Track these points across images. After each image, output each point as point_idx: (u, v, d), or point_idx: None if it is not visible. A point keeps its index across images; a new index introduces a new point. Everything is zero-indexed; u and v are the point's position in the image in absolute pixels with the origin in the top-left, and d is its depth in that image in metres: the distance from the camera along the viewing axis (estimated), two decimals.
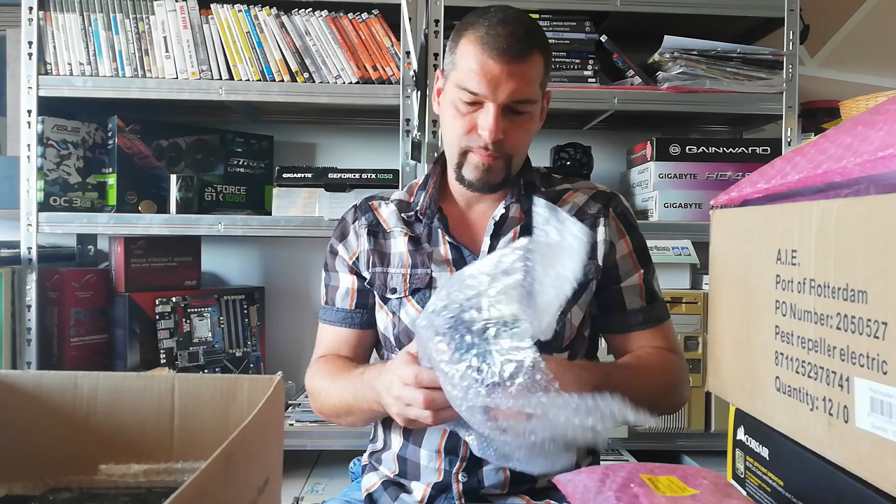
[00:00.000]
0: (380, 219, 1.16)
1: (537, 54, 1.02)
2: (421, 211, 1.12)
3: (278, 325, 2.08)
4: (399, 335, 1.09)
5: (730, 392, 0.67)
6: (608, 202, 1.13)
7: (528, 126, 1.07)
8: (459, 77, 1.03)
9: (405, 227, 1.13)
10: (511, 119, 1.03)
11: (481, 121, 1.02)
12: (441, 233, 1.10)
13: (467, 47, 1.03)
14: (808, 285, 0.52)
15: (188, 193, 1.78)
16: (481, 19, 1.03)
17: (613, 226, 1.11)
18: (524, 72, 1.01)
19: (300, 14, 1.75)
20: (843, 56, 2.16)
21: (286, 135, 2.09)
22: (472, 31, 1.03)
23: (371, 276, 1.13)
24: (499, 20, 1.02)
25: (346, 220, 1.19)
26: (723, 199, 0.70)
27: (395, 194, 1.19)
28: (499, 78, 1.00)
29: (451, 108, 1.06)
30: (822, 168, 0.52)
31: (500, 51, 0.99)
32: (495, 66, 1.00)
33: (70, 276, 1.75)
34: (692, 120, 2.10)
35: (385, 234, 1.14)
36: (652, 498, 0.53)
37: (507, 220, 1.10)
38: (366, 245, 1.14)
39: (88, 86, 1.71)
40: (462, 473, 1.02)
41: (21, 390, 0.65)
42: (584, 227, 0.79)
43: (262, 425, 0.52)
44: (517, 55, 1.00)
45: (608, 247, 1.09)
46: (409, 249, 1.11)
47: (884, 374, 0.44)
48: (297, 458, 1.85)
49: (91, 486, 0.64)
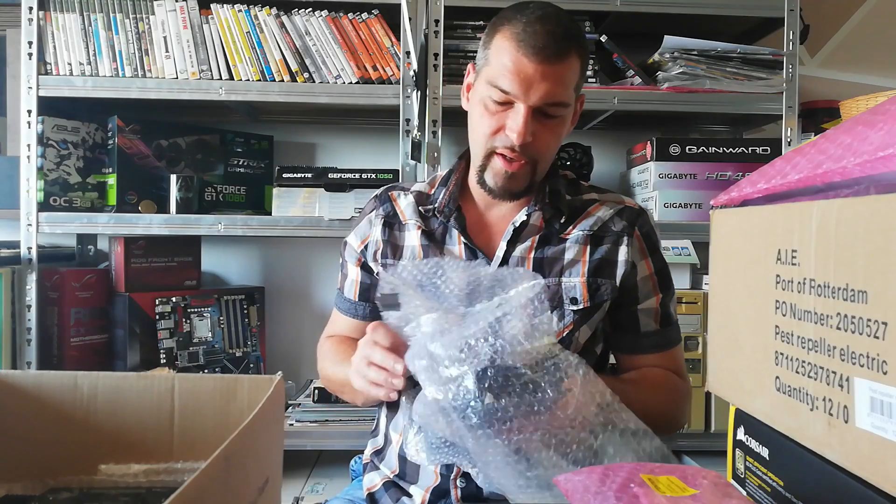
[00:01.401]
0: (397, 209, 1.13)
1: (574, 56, 0.98)
2: (439, 208, 1.09)
3: (278, 325, 2.08)
4: None
5: (730, 392, 0.67)
6: (634, 220, 1.09)
7: (559, 130, 1.02)
8: (491, 74, 0.99)
9: (420, 220, 1.10)
10: (541, 122, 0.99)
11: (510, 121, 0.98)
12: (457, 233, 1.08)
13: (502, 43, 0.98)
14: (808, 285, 0.52)
15: (188, 193, 1.78)
16: (519, 15, 0.98)
17: (637, 246, 1.08)
18: (560, 73, 0.97)
19: (300, 14, 1.75)
20: (843, 56, 2.16)
21: (286, 135, 2.09)
22: (508, 27, 0.98)
23: (382, 267, 1.11)
24: (537, 17, 0.97)
25: (365, 210, 1.18)
26: (723, 199, 0.70)
27: (416, 185, 1.17)
28: (532, 78, 0.96)
29: (479, 106, 1.02)
30: (822, 168, 0.52)
31: (535, 49, 0.95)
32: (529, 66, 0.95)
33: (70, 276, 1.75)
34: (692, 120, 2.10)
35: (400, 225, 1.12)
36: (652, 498, 0.53)
37: (528, 227, 1.07)
38: (379, 236, 1.12)
39: (88, 86, 1.71)
40: (460, 479, 1.01)
41: (21, 390, 0.65)
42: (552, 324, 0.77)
43: (262, 425, 0.52)
44: (553, 55, 0.95)
45: (629, 267, 1.06)
46: (422, 244, 1.09)
47: (884, 374, 0.44)
48: (297, 458, 1.85)
49: (91, 486, 0.64)
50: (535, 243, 1.06)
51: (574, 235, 1.07)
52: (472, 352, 0.73)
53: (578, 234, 1.07)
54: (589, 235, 1.07)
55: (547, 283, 1.04)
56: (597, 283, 1.05)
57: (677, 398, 1.08)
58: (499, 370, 0.73)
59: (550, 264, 1.05)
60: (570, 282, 1.04)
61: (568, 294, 1.04)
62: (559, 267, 1.05)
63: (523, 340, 0.74)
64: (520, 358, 0.74)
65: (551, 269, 1.05)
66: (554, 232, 1.07)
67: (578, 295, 1.04)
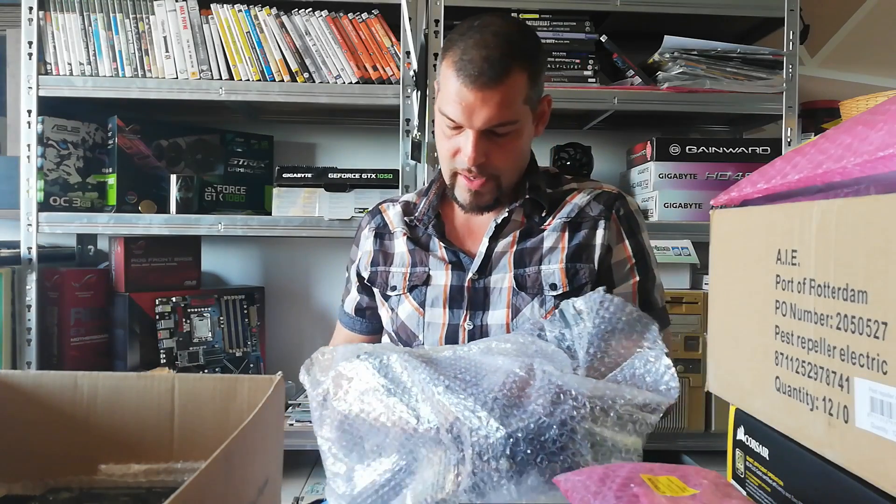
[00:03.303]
0: (387, 220, 1.20)
1: (516, 73, 0.99)
2: (419, 218, 1.15)
3: (278, 325, 2.08)
4: (397, 330, 1.13)
5: (730, 392, 0.67)
6: (612, 204, 1.12)
7: (513, 144, 1.05)
8: (441, 100, 1.03)
9: (406, 228, 1.17)
10: (494, 140, 1.02)
11: (462, 145, 1.02)
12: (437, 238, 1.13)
13: (446, 71, 1.01)
14: (808, 285, 0.52)
15: (188, 193, 1.78)
16: (459, 40, 1.01)
17: (614, 229, 1.10)
18: (501, 95, 0.98)
19: (300, 14, 1.75)
20: (843, 56, 2.16)
21: (286, 135, 2.09)
22: (451, 54, 1.01)
23: (372, 274, 1.17)
24: (474, 42, 0.98)
25: (360, 226, 1.25)
26: (723, 199, 0.70)
27: (405, 196, 1.24)
28: (473, 105, 0.98)
29: (439, 129, 1.07)
30: (822, 168, 0.52)
31: (472, 78, 0.97)
32: (469, 94, 0.98)
33: (70, 276, 1.75)
34: (692, 120, 2.10)
35: (390, 234, 1.19)
36: (652, 498, 0.53)
37: (509, 223, 1.11)
38: (370, 247, 1.19)
39: (88, 86, 1.71)
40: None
41: (21, 390, 0.65)
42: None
43: (262, 425, 0.52)
44: (491, 80, 0.97)
45: (604, 251, 1.08)
46: (409, 249, 1.15)
47: (884, 374, 0.44)
48: (297, 458, 1.85)
49: (91, 486, 0.64)
50: (517, 238, 1.10)
51: (553, 224, 1.10)
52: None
53: (557, 223, 1.10)
54: (567, 222, 1.10)
55: (526, 272, 1.07)
56: (575, 267, 1.07)
57: None
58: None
59: (530, 254, 1.09)
60: (548, 269, 1.07)
61: (547, 280, 1.07)
62: (538, 256, 1.09)
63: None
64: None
65: (531, 259, 1.09)
66: (534, 225, 1.11)
67: (557, 280, 1.07)
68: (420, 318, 1.11)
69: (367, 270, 1.18)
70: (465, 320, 1.09)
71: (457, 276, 1.10)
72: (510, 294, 1.08)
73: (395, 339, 1.15)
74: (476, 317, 1.08)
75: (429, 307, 1.11)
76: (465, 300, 1.09)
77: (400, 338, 1.14)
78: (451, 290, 1.10)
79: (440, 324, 1.10)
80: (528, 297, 1.07)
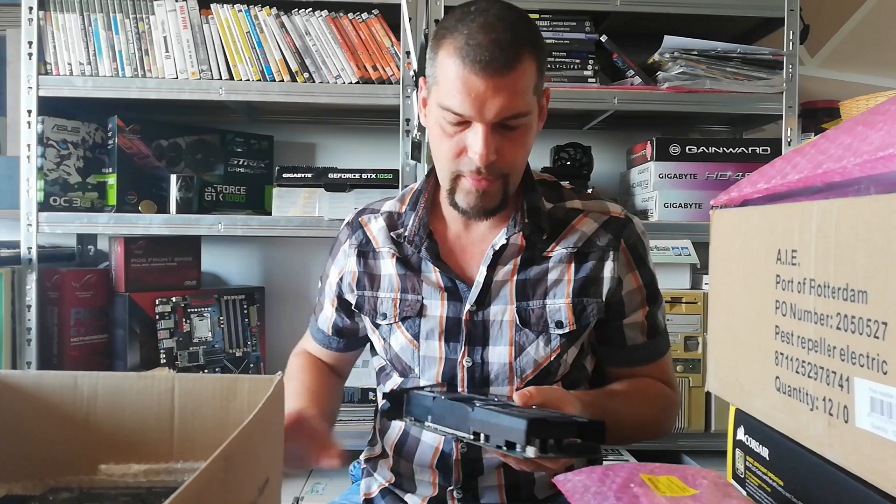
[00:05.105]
0: (369, 236, 1.08)
1: (527, 59, 0.89)
2: (409, 237, 1.02)
3: (278, 325, 2.08)
4: (392, 360, 1.06)
5: (730, 392, 0.67)
6: (620, 232, 1.02)
7: (525, 139, 0.94)
8: (441, 95, 0.91)
9: (393, 246, 1.05)
10: (504, 135, 0.91)
11: (470, 143, 0.90)
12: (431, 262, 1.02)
13: (447, 60, 0.89)
14: (808, 285, 0.52)
15: (188, 193, 1.78)
16: (460, 25, 0.89)
17: (623, 259, 1.02)
18: (514, 83, 0.88)
19: (300, 14, 1.75)
20: (843, 56, 2.16)
21: (286, 135, 2.09)
22: (450, 41, 0.89)
23: (359, 298, 1.07)
24: (479, 26, 0.87)
25: (339, 240, 1.13)
26: (723, 199, 0.70)
27: (386, 205, 1.10)
28: (485, 95, 0.87)
29: (436, 128, 0.94)
30: (822, 168, 0.52)
31: (482, 64, 0.86)
32: (480, 83, 0.87)
33: (70, 276, 1.75)
34: (692, 120, 2.10)
35: (374, 253, 1.07)
36: (652, 498, 0.53)
37: (508, 247, 1.01)
38: (354, 267, 1.07)
39: (88, 86, 1.71)
40: (457, 491, 1.01)
41: (21, 390, 0.65)
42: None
43: (262, 425, 0.51)
44: (503, 66, 0.86)
45: (615, 284, 1.01)
46: (398, 273, 1.03)
47: (884, 374, 0.44)
48: None
49: (91, 486, 0.64)
50: (518, 265, 1.00)
51: (557, 253, 1.01)
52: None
53: (562, 253, 1.01)
54: (573, 253, 1.01)
55: (530, 306, 1.00)
56: (582, 303, 1.00)
57: (666, 408, 1.06)
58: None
59: (534, 286, 1.00)
60: (554, 304, 0.99)
61: (553, 318, 0.99)
62: (543, 289, 1.00)
63: None
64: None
65: (535, 292, 1.00)
66: (536, 251, 1.01)
67: (564, 318, 0.99)
68: (415, 350, 1.02)
69: (354, 294, 1.07)
70: (463, 356, 1.00)
71: (453, 306, 1.00)
72: (512, 329, 0.99)
73: (391, 369, 1.07)
74: (475, 352, 1.00)
75: (423, 339, 1.01)
76: (463, 334, 1.00)
77: (395, 368, 1.05)
78: (447, 323, 1.00)
79: (436, 358, 1.01)
80: (532, 334, 0.99)
